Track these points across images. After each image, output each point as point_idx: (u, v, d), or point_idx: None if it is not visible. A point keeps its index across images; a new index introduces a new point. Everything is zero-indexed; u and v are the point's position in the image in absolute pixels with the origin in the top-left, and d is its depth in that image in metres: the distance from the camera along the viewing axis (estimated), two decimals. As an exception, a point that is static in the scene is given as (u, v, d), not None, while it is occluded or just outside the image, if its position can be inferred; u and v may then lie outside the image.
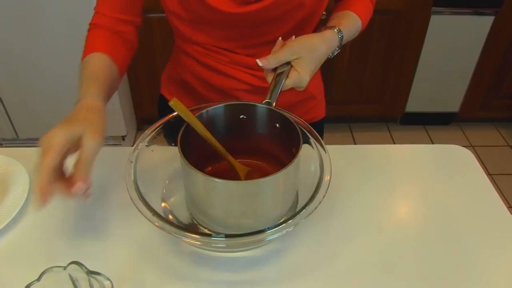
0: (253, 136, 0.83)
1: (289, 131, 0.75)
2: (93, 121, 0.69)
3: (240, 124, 0.81)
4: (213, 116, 0.79)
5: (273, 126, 0.79)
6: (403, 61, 2.42)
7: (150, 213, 0.67)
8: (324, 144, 0.78)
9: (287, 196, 0.75)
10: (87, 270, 0.61)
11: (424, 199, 0.88)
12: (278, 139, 0.80)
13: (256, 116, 0.80)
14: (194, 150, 0.71)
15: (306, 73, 0.79)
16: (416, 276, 0.74)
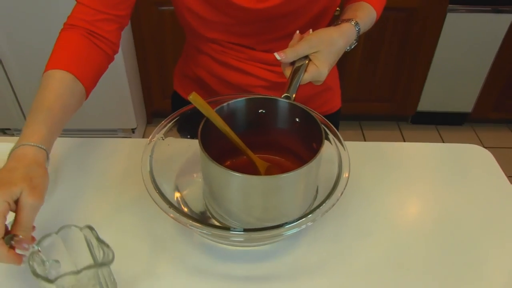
0: (272, 130, 0.81)
1: (310, 126, 0.74)
2: (33, 179, 0.64)
3: (259, 119, 0.80)
4: (232, 111, 0.77)
5: (293, 121, 0.78)
6: (416, 59, 2.40)
7: (166, 205, 0.66)
8: (343, 141, 0.77)
9: (308, 192, 0.74)
10: (97, 236, 0.63)
11: (440, 198, 0.87)
12: (298, 134, 0.79)
13: (276, 111, 0.79)
14: (213, 144, 0.69)
15: (325, 67, 0.78)
16: (429, 276, 0.73)
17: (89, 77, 0.80)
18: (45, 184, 0.67)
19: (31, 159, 0.67)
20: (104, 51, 0.83)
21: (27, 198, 0.62)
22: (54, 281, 0.57)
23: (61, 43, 0.81)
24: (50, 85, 0.75)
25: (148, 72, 2.44)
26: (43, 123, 0.70)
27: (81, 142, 0.98)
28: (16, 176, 0.63)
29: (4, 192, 0.61)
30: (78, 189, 0.86)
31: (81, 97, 0.79)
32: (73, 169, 0.91)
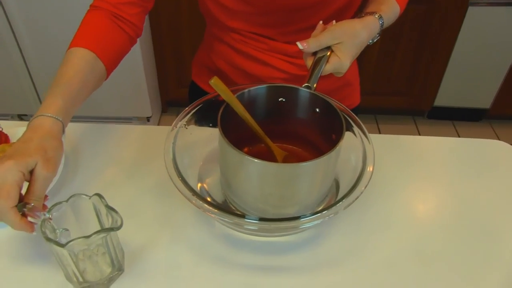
0: (291, 120, 0.81)
1: (330, 117, 0.73)
2: (47, 151, 0.66)
3: (279, 107, 0.79)
4: (253, 98, 0.77)
5: (313, 111, 0.78)
6: (435, 53, 2.37)
7: (189, 192, 0.66)
8: (368, 134, 0.76)
9: (325, 183, 0.74)
10: (106, 203, 0.64)
11: (460, 192, 0.86)
12: (317, 125, 0.78)
13: (296, 100, 0.78)
14: (232, 131, 0.69)
15: (347, 59, 0.78)
16: (449, 269, 0.72)
17: (111, 57, 0.81)
18: (59, 156, 0.68)
19: (46, 130, 0.68)
20: (127, 33, 0.85)
21: (41, 170, 0.64)
22: (65, 245, 0.58)
23: (85, 23, 0.82)
24: (70, 61, 0.77)
25: (164, 60, 2.44)
26: (60, 95, 0.72)
27: (100, 128, 1.00)
28: (31, 147, 0.65)
29: (20, 163, 0.62)
30: (97, 175, 0.87)
31: (101, 76, 0.80)
32: (92, 154, 0.92)
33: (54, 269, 0.69)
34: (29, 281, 0.68)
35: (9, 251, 0.73)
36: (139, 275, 0.69)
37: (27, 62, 2.27)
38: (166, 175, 0.69)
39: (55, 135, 0.69)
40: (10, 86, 2.36)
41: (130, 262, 0.71)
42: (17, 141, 0.67)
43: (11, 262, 0.71)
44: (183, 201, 0.79)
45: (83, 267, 0.66)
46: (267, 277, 0.70)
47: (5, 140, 0.88)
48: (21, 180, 0.63)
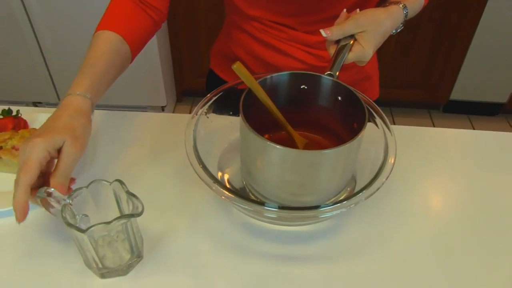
0: (312, 108, 0.80)
1: (352, 106, 0.73)
2: (76, 129, 0.67)
3: (300, 95, 0.79)
4: (275, 85, 0.77)
5: (335, 99, 0.77)
6: (453, 46, 2.34)
7: (210, 180, 0.65)
8: (390, 125, 0.76)
9: (346, 172, 0.73)
10: (127, 190, 0.64)
11: (480, 186, 0.85)
12: (339, 113, 0.78)
13: (318, 87, 0.77)
14: (253, 117, 0.69)
15: (370, 48, 0.77)
16: (470, 261, 0.72)
17: (136, 40, 0.82)
18: (87, 134, 0.69)
19: (75, 107, 0.69)
20: (151, 17, 0.85)
21: (69, 148, 0.64)
22: (86, 231, 0.58)
23: (111, 7, 0.83)
24: (96, 44, 0.78)
25: (180, 49, 2.44)
26: (87, 75, 0.73)
27: (118, 115, 1.00)
28: (60, 125, 0.66)
29: (46, 141, 0.63)
30: (115, 162, 0.87)
31: (126, 58, 0.81)
32: (111, 141, 0.92)
33: (73, 256, 0.69)
34: (48, 267, 0.69)
35: (29, 237, 0.73)
36: (158, 262, 0.69)
37: (43, 50, 2.28)
38: (185, 163, 0.69)
39: (84, 112, 0.70)
40: (26, 74, 2.38)
41: (149, 249, 0.71)
42: (47, 120, 0.68)
43: (31, 248, 0.71)
44: (203, 189, 0.79)
45: (103, 253, 0.66)
46: (286, 265, 0.70)
47: (24, 125, 0.89)
48: (45, 158, 0.63)
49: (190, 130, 0.73)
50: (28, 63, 2.33)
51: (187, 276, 0.68)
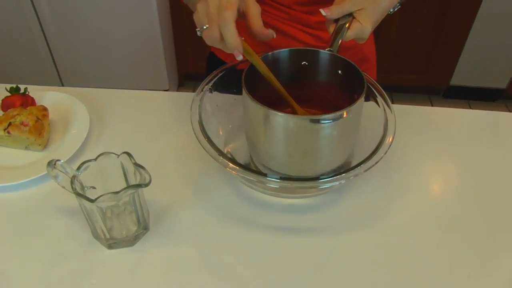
0: (314, 83, 0.81)
1: (353, 77, 0.73)
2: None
3: (301, 71, 0.80)
4: (276, 60, 0.78)
5: (335, 73, 0.78)
6: (453, 32, 2.35)
7: (215, 152, 0.67)
8: (390, 103, 0.77)
9: (347, 141, 0.74)
10: (134, 161, 0.66)
11: (478, 162, 0.87)
12: (340, 87, 0.79)
13: (319, 63, 0.79)
14: (255, 94, 0.69)
15: (369, 24, 0.78)
16: (469, 235, 0.74)
17: None
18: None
19: None
20: None
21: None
22: (95, 200, 0.60)
23: None
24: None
25: (182, 33, 2.45)
26: None
27: (124, 93, 1.02)
28: None
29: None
30: (121, 138, 0.89)
31: None
32: (117, 118, 0.94)
33: (81, 227, 0.72)
34: (57, 238, 0.71)
35: (38, 208, 0.75)
36: (163, 234, 0.72)
37: (46, 35, 2.29)
38: (191, 138, 0.71)
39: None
40: (29, 59, 2.39)
41: (155, 222, 0.73)
42: None
43: (40, 220, 0.74)
44: (208, 163, 0.81)
45: (110, 225, 0.68)
46: (288, 237, 0.72)
47: (31, 102, 0.90)
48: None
49: (196, 105, 0.74)
50: (31, 48, 2.33)
51: (192, 248, 0.70)
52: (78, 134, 0.85)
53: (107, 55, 2.34)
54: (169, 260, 0.68)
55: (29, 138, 0.82)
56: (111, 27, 2.23)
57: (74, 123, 0.88)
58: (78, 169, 0.65)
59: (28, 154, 0.84)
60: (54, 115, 0.90)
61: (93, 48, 2.32)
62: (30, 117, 0.83)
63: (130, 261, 0.68)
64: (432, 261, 0.70)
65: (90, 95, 0.98)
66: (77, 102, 0.92)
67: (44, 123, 0.84)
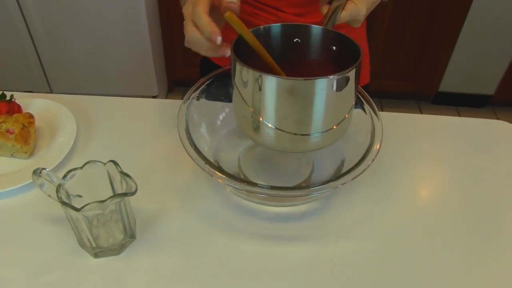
0: (307, 62, 0.76)
1: (347, 51, 0.69)
2: None
3: (294, 49, 0.75)
4: (267, 36, 0.73)
5: (329, 49, 0.74)
6: (441, 38, 2.37)
7: (202, 161, 0.67)
8: (377, 110, 0.77)
9: (340, 113, 0.69)
10: (121, 170, 0.66)
11: (464, 170, 0.88)
12: (334, 65, 0.73)
13: (311, 38, 0.74)
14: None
15: (363, 5, 0.74)
16: (457, 242, 0.74)
17: None
18: None
19: None
20: None
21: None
22: (80, 209, 0.60)
23: None
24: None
25: (171, 39, 2.44)
26: None
27: (111, 100, 1.02)
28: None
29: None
30: (108, 146, 0.89)
31: None
32: (104, 126, 0.94)
33: (67, 236, 0.71)
34: (42, 246, 0.70)
35: (23, 216, 0.75)
36: (150, 242, 0.71)
37: (34, 40, 2.27)
38: (178, 146, 0.71)
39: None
40: (18, 64, 2.37)
41: (142, 230, 0.73)
42: None
43: (25, 228, 0.73)
44: (195, 171, 0.81)
45: (97, 233, 0.67)
46: (276, 245, 0.72)
47: (18, 110, 0.90)
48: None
49: (183, 114, 0.74)
50: (19, 53, 2.32)
51: (178, 256, 0.70)
52: (65, 142, 0.85)
53: (96, 61, 2.33)
54: (156, 268, 0.68)
55: (15, 146, 0.81)
56: (100, 32, 2.22)
57: (61, 131, 0.88)
58: (64, 178, 0.65)
59: (14, 161, 0.84)
60: (40, 123, 0.90)
61: (82, 54, 2.31)
62: (16, 124, 0.82)
63: (117, 269, 0.68)
64: (420, 268, 0.70)
65: (77, 102, 0.97)
66: (64, 110, 0.92)
67: (30, 131, 0.84)
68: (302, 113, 0.65)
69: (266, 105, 0.65)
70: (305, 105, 0.64)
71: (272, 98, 0.64)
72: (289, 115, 0.65)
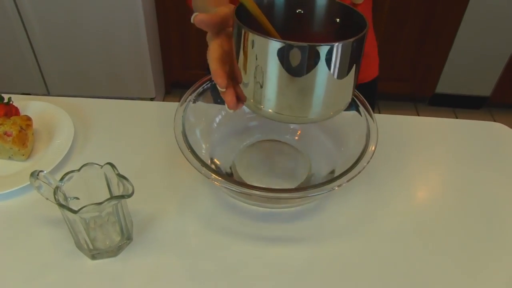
0: (310, 35, 0.73)
1: (352, 25, 0.65)
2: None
3: (296, 21, 0.72)
4: (269, 5, 0.70)
5: (333, 22, 0.70)
6: (438, 40, 2.38)
7: (198, 163, 0.68)
8: (372, 112, 0.78)
9: (343, 86, 0.65)
10: (117, 172, 0.66)
11: (461, 172, 0.88)
12: (339, 37, 0.67)
13: (314, 10, 0.71)
14: None
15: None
16: (450, 244, 0.74)
17: None
18: None
19: None
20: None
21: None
22: (78, 211, 0.60)
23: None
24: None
25: (169, 41, 2.45)
26: None
27: (109, 103, 1.02)
28: None
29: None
30: (105, 148, 0.89)
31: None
32: (101, 128, 0.94)
33: (65, 238, 0.72)
34: (40, 249, 0.71)
35: (21, 219, 0.75)
36: (147, 244, 0.72)
37: (32, 42, 2.27)
38: (174, 148, 0.71)
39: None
40: (15, 65, 2.37)
41: (138, 232, 0.73)
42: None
43: (22, 230, 0.73)
44: (191, 173, 0.82)
45: (94, 235, 0.68)
46: (272, 246, 0.73)
47: (15, 112, 0.90)
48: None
49: (180, 116, 0.75)
50: (17, 54, 2.32)
51: (175, 257, 0.70)
52: (62, 144, 0.85)
53: (94, 63, 2.33)
54: (152, 270, 0.68)
55: (12, 148, 0.82)
56: (98, 35, 2.22)
57: (59, 133, 0.88)
58: (61, 180, 0.65)
59: (11, 164, 0.84)
60: (38, 125, 0.90)
61: (80, 56, 2.31)
62: (13, 127, 0.83)
63: (114, 271, 0.68)
64: (416, 269, 0.70)
65: (75, 105, 0.98)
66: (61, 112, 0.92)
67: (28, 133, 0.84)
68: (304, 80, 0.61)
69: (268, 72, 0.62)
70: (307, 72, 0.60)
71: (274, 64, 0.60)
72: (291, 82, 0.62)
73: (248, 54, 0.62)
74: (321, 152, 0.86)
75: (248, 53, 0.61)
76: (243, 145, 0.86)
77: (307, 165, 0.84)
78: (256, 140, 0.88)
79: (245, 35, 0.59)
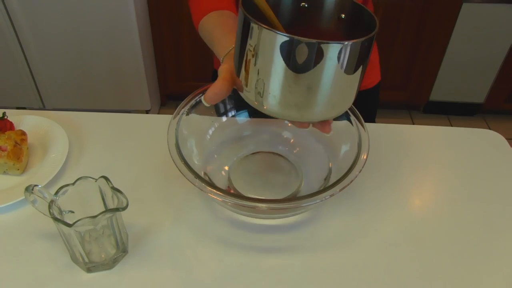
0: (313, 31, 0.71)
1: (357, 21, 0.65)
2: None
3: (300, 15, 0.71)
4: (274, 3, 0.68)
5: (338, 18, 0.69)
6: (430, 48, 2.40)
7: (191, 175, 0.68)
8: (363, 121, 0.79)
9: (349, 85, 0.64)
10: (112, 185, 0.66)
11: (454, 180, 0.89)
12: (344, 34, 0.69)
13: (321, 5, 0.69)
14: None
15: None
16: (443, 252, 0.75)
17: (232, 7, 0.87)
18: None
19: None
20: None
21: None
22: (72, 225, 0.60)
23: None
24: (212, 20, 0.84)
25: (163, 53, 2.46)
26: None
27: (103, 116, 1.03)
28: None
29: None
30: (100, 162, 0.90)
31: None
32: (96, 141, 0.95)
33: (60, 251, 0.72)
34: (36, 262, 0.71)
35: (16, 233, 0.75)
36: (142, 256, 0.72)
37: (27, 56, 2.28)
38: (168, 161, 0.72)
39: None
40: (10, 79, 2.38)
41: (134, 244, 0.73)
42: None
43: (18, 244, 0.73)
44: (185, 185, 0.82)
45: (89, 248, 0.68)
46: (266, 257, 0.73)
47: (10, 127, 0.91)
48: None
49: (173, 128, 0.75)
50: (11, 68, 2.33)
51: (170, 269, 0.70)
52: (57, 158, 0.86)
53: (89, 76, 2.34)
54: (148, 282, 0.69)
55: (7, 163, 0.82)
56: (93, 47, 2.23)
57: (53, 147, 0.88)
58: (56, 194, 0.66)
59: (6, 178, 0.84)
60: (33, 139, 0.91)
61: (75, 69, 2.32)
62: (8, 141, 0.83)
63: (110, 284, 0.68)
64: (410, 277, 0.71)
65: (69, 119, 0.98)
66: (56, 126, 0.92)
67: (23, 148, 0.85)
68: (312, 77, 0.60)
69: (274, 67, 0.60)
70: (315, 69, 0.59)
71: (281, 60, 0.59)
72: (296, 78, 0.60)
73: (254, 48, 0.60)
74: (314, 161, 0.87)
75: (255, 47, 0.60)
76: (237, 157, 0.87)
77: (300, 175, 0.85)
78: (249, 152, 0.89)
79: (257, 29, 0.57)
